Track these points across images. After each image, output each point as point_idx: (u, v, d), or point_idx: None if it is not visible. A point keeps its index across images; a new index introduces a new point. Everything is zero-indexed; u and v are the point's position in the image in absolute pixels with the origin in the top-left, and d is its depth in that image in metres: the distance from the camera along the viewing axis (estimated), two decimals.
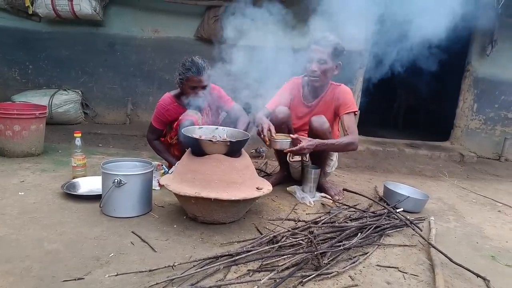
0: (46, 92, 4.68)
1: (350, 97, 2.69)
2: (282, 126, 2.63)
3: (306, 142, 2.42)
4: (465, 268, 1.77)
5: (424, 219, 2.45)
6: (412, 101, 6.96)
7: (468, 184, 3.57)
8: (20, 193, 2.34)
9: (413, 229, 2.17)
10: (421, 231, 2.19)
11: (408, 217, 2.31)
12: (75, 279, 1.49)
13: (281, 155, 2.84)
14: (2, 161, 2.97)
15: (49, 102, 4.50)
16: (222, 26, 4.75)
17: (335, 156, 2.85)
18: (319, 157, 2.70)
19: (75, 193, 2.37)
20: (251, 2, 2.69)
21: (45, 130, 3.33)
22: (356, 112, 2.66)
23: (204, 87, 2.67)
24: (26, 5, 4.59)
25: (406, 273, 1.77)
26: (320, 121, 2.54)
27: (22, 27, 4.93)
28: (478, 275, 1.73)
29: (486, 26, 4.69)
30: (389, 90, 7.19)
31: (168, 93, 2.84)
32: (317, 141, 2.47)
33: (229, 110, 2.87)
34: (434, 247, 1.95)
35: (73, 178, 2.61)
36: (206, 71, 2.64)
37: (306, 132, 2.80)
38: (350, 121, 2.62)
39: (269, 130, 2.45)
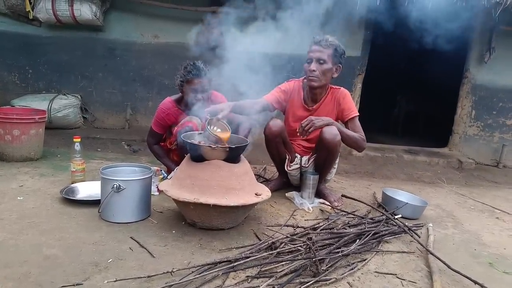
0: (45, 97, 4.69)
1: (351, 101, 2.72)
2: (276, 139, 2.64)
3: (316, 118, 2.44)
4: (463, 275, 1.77)
5: (422, 226, 2.45)
6: (411, 108, 6.99)
7: (466, 190, 3.58)
8: (19, 198, 2.34)
9: (411, 236, 2.18)
10: (419, 237, 2.20)
11: (406, 224, 2.31)
12: (73, 285, 1.49)
13: (279, 163, 2.84)
14: (1, 166, 2.97)
15: (48, 107, 4.50)
16: (221, 32, 4.79)
17: (336, 164, 2.86)
18: (323, 165, 2.69)
19: (74, 198, 2.37)
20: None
21: (44, 134, 3.33)
22: (358, 115, 2.69)
23: (203, 90, 2.68)
24: (27, 10, 4.62)
25: (404, 279, 1.77)
26: (333, 133, 2.47)
27: (22, 32, 4.95)
28: (476, 282, 1.73)
29: (484, 34, 4.74)
30: (388, 96, 7.25)
31: (169, 98, 2.85)
32: (331, 120, 2.50)
33: (230, 117, 2.87)
34: (432, 253, 1.96)
35: (72, 183, 2.61)
36: (206, 74, 2.66)
37: (305, 139, 2.81)
38: (357, 126, 2.66)
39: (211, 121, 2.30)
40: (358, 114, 2.68)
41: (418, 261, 1.99)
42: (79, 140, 2.69)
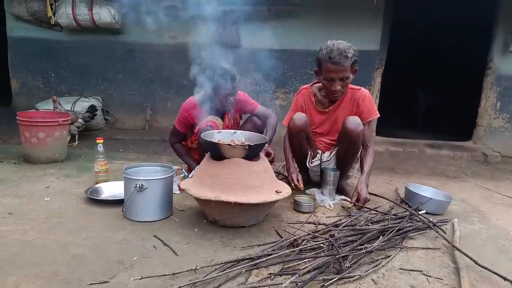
0: (68, 100, 4.79)
1: (371, 102, 2.66)
2: (300, 133, 2.62)
3: (363, 191, 2.45)
4: (491, 271, 1.72)
5: (447, 221, 2.40)
6: (432, 101, 6.84)
7: (492, 184, 3.48)
8: (46, 199, 2.41)
9: (437, 232, 2.13)
10: (445, 233, 2.15)
11: (431, 219, 2.27)
12: (100, 283, 1.52)
13: (300, 159, 2.83)
14: (29, 168, 3.07)
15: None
16: (238, 31, 4.79)
17: (357, 158, 2.82)
18: (346, 158, 2.68)
19: (98, 198, 2.42)
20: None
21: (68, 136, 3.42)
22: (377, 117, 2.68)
23: (231, 94, 2.70)
24: (49, 15, 4.75)
25: (430, 276, 1.74)
26: (356, 122, 2.47)
27: (44, 37, 5.09)
28: (505, 278, 1.68)
29: (508, 22, 4.59)
30: (409, 89, 7.11)
31: (192, 97, 2.87)
32: (365, 179, 2.54)
33: (255, 113, 2.90)
34: (458, 249, 1.91)
35: (96, 183, 2.66)
36: (235, 79, 2.65)
37: (327, 138, 2.78)
38: (369, 132, 2.67)
39: (298, 180, 2.58)
40: (377, 115, 2.67)
41: (444, 257, 1.94)
42: (101, 141, 2.75)
